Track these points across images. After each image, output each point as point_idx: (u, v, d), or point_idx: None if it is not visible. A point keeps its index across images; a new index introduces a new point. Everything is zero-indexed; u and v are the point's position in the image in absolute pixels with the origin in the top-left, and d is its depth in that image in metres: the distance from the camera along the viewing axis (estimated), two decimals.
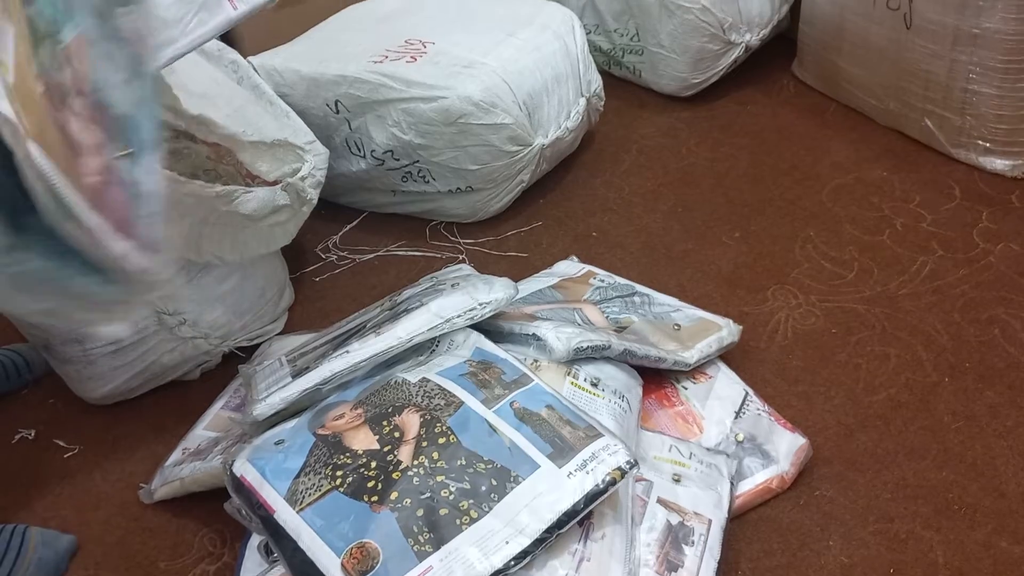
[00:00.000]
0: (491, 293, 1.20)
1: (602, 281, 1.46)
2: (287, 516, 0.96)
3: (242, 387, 1.34)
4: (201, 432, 1.32)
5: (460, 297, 1.19)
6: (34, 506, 1.32)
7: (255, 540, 1.10)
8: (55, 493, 1.34)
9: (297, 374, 1.15)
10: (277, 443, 1.06)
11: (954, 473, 1.18)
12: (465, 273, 1.48)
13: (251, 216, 1.32)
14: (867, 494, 1.17)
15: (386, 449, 1.00)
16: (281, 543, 0.95)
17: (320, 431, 1.05)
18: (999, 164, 1.67)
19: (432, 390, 1.07)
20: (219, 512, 1.11)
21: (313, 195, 1.45)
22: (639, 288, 1.45)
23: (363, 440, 1.02)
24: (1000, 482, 1.16)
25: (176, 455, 1.30)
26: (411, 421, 1.03)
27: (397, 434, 1.02)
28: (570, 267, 1.53)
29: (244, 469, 1.02)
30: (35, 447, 1.42)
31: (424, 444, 1.00)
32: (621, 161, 1.89)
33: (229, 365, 1.46)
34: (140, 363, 1.39)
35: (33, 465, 1.39)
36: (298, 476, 1.00)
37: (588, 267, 1.52)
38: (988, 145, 1.67)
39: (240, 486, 1.02)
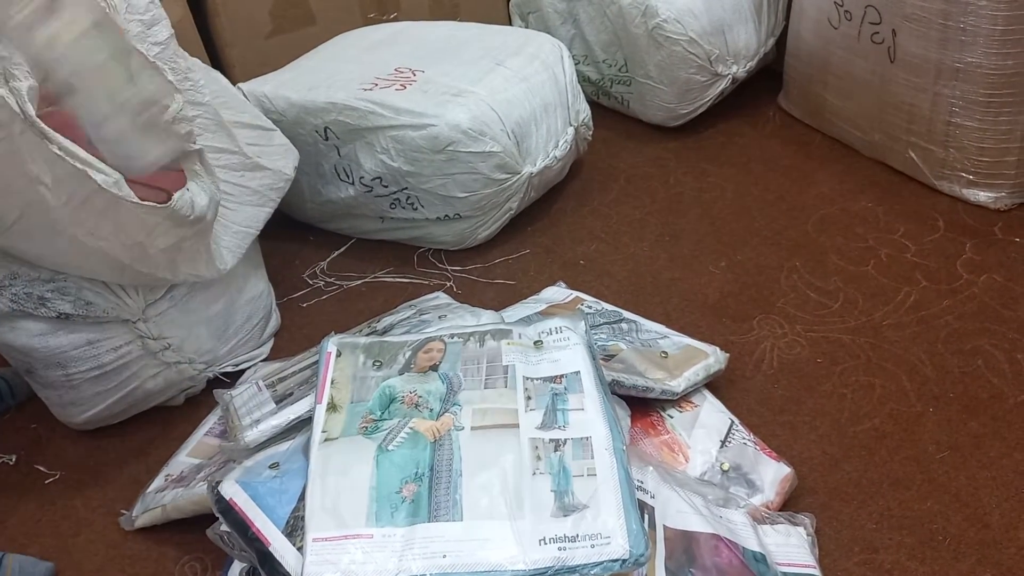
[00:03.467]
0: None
1: (589, 307, 1.46)
2: (285, 551, 0.95)
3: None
4: (184, 459, 1.31)
5: None
6: (13, 532, 1.30)
7: (237, 568, 1.08)
8: (35, 519, 1.32)
9: (280, 399, 1.14)
10: (271, 466, 1.05)
11: (938, 503, 1.18)
12: (444, 302, 1.49)
13: (209, 210, 1.29)
14: (852, 524, 1.16)
15: None
16: None
17: None
18: (982, 196, 1.69)
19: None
20: (201, 540, 1.10)
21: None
22: (626, 314, 1.45)
23: None
24: (984, 513, 1.16)
25: (158, 482, 1.29)
26: None
27: None
28: (557, 293, 1.53)
29: (233, 492, 1.01)
30: (15, 472, 1.40)
31: None
32: (609, 190, 1.90)
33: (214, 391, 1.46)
34: (123, 388, 1.38)
35: (13, 491, 1.37)
36: (296, 506, 0.98)
37: (576, 293, 1.53)
38: (971, 177, 1.69)
39: (228, 510, 1.00)
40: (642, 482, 1.02)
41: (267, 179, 1.53)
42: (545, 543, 0.92)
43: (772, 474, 1.19)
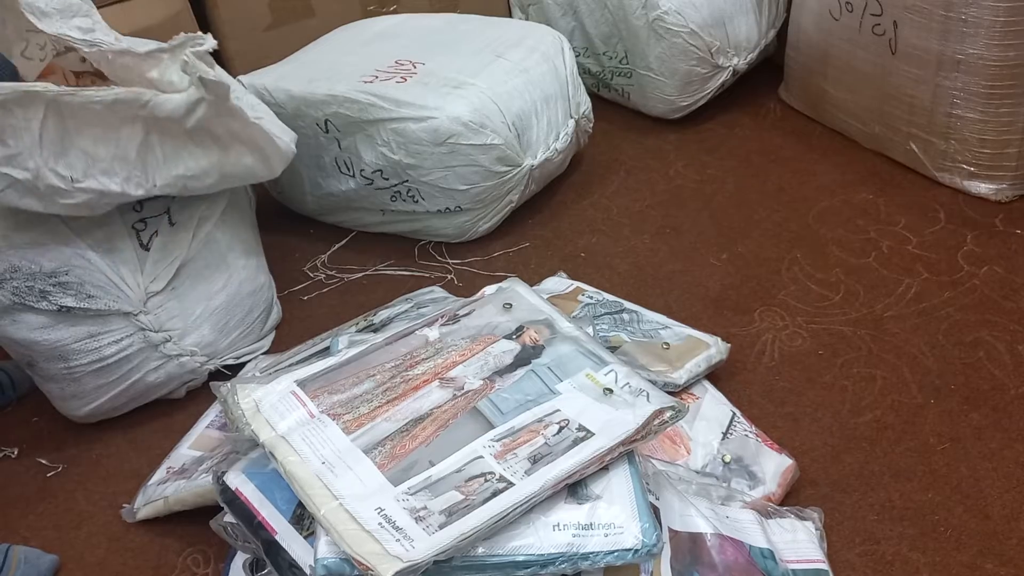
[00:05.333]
0: None
1: (590, 298, 1.46)
2: (292, 540, 0.95)
3: None
4: (186, 451, 1.31)
5: None
6: (15, 525, 1.31)
7: (240, 559, 1.09)
8: (37, 512, 1.32)
9: None
10: None
11: (940, 495, 1.18)
12: (440, 295, 1.49)
13: (172, 116, 1.26)
14: (853, 515, 1.17)
15: None
16: (283, 570, 0.94)
17: None
18: (983, 188, 1.69)
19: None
20: (203, 532, 1.11)
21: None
22: (627, 305, 1.45)
23: None
24: (985, 504, 1.16)
25: (160, 474, 1.29)
26: None
27: None
28: (558, 284, 1.53)
29: (239, 482, 1.01)
30: (17, 465, 1.41)
31: None
32: (609, 182, 1.90)
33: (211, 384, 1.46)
34: (124, 381, 1.39)
35: (15, 484, 1.37)
36: None
37: (576, 283, 1.52)
38: (972, 169, 1.69)
39: (234, 499, 1.01)
40: (647, 484, 1.03)
41: None
42: (559, 529, 0.92)
43: (774, 466, 1.20)
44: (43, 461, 1.40)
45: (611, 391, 1.06)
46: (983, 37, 1.55)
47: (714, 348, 1.35)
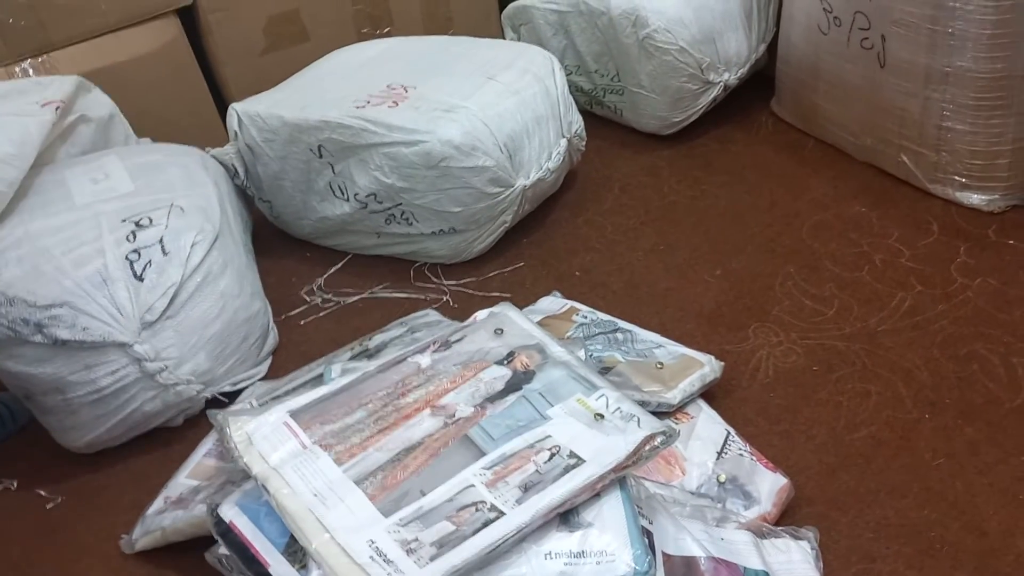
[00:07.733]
0: None
1: (584, 317, 1.47)
2: (285, 574, 0.95)
3: None
4: (183, 481, 1.31)
5: None
6: (15, 559, 1.31)
7: None
8: (36, 545, 1.33)
9: None
10: None
11: (936, 512, 1.18)
12: (434, 319, 1.49)
13: None
14: (849, 534, 1.16)
15: None
16: None
17: None
18: (975, 199, 1.69)
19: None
20: (200, 562, 1.11)
21: None
22: (621, 324, 1.45)
23: None
24: (981, 520, 1.16)
25: (158, 504, 1.30)
26: None
27: None
28: (553, 303, 1.54)
29: (233, 514, 1.01)
30: (17, 498, 1.41)
31: None
32: (603, 200, 1.90)
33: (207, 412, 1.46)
34: (122, 411, 1.39)
35: (15, 516, 1.38)
36: None
37: (571, 303, 1.53)
38: (964, 180, 1.69)
39: (228, 532, 1.01)
40: (640, 509, 1.03)
41: None
42: (551, 558, 0.92)
43: (769, 485, 1.20)
44: (42, 493, 1.41)
45: (602, 416, 1.06)
46: (970, 50, 1.55)
47: (708, 367, 1.35)
